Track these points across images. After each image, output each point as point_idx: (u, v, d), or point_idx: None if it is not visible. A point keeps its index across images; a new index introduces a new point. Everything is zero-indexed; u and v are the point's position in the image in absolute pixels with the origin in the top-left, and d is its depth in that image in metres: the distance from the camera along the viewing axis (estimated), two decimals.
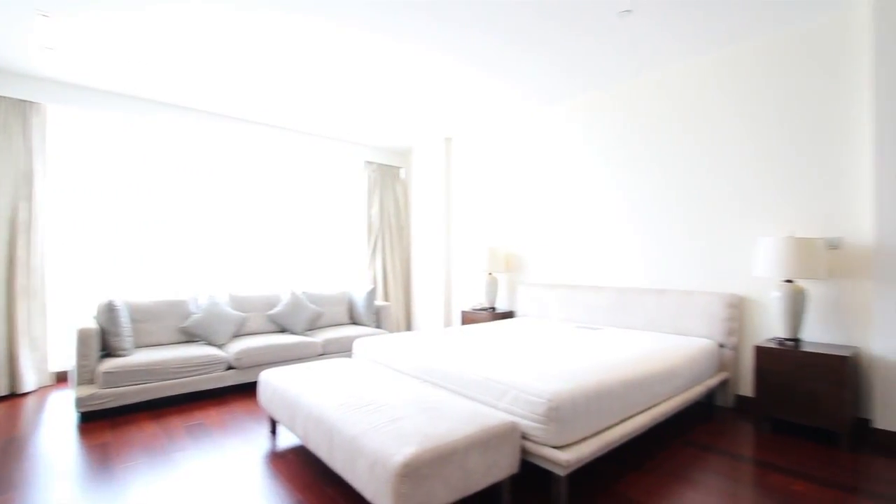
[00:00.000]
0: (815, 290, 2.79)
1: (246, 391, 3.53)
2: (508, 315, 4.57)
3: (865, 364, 2.60)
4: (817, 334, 2.78)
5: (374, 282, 5.66)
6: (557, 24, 2.88)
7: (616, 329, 3.46)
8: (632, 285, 3.70)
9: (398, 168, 6.02)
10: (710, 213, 3.25)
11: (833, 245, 2.72)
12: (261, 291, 4.27)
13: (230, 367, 3.44)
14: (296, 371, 2.54)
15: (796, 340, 2.69)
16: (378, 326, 4.75)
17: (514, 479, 2.02)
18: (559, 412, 1.78)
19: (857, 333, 2.65)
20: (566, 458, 1.74)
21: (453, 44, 3.14)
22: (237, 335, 3.87)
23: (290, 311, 4.13)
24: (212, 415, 2.98)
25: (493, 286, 4.59)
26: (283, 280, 4.99)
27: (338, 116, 4.63)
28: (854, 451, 2.37)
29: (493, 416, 1.79)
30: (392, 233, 5.83)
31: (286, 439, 2.58)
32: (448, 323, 5.44)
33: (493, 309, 4.61)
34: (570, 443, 1.83)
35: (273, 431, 2.66)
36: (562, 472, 1.76)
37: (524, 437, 1.86)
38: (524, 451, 1.85)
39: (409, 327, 6.00)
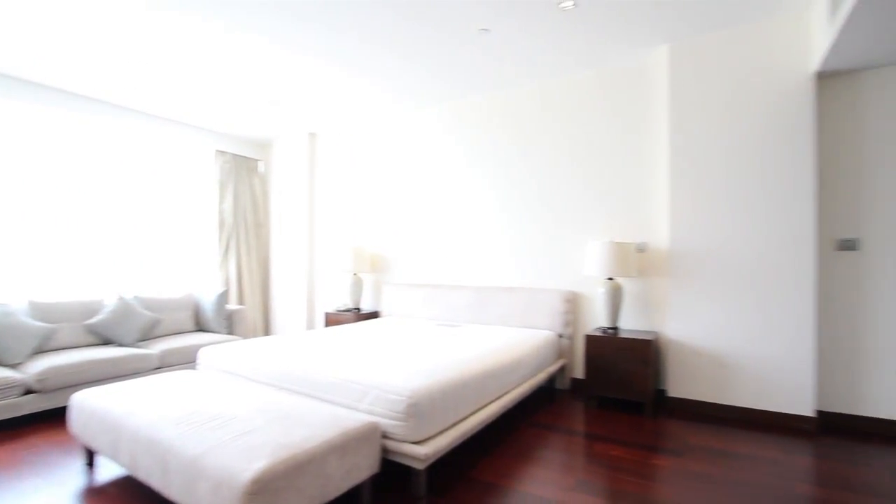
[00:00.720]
0: (629, 286, 3.35)
1: (53, 419, 2.91)
2: (373, 315, 4.56)
3: (664, 345, 3.21)
4: (631, 322, 3.35)
5: (227, 284, 5.15)
6: (426, 33, 2.98)
7: (474, 325, 3.70)
8: (489, 284, 3.99)
9: (256, 161, 5.58)
10: (553, 221, 3.68)
11: (641, 249, 3.30)
12: (77, 297, 3.57)
13: (28, 392, 2.80)
14: (122, 388, 2.18)
15: (615, 329, 3.19)
16: (230, 332, 4.33)
17: (374, 479, 2.03)
18: (418, 408, 1.84)
19: (658, 320, 3.25)
20: (424, 452, 1.81)
21: (313, 41, 3.03)
22: (40, 351, 3.17)
23: (117, 320, 3.52)
24: (1, 453, 2.39)
25: (358, 287, 4.54)
26: (111, 283, 4.23)
27: (184, 97, 4.10)
28: (655, 417, 2.91)
29: (353, 419, 1.77)
30: (248, 230, 5.38)
31: (107, 471, 2.20)
32: (311, 326, 5.21)
33: (358, 310, 4.55)
34: (429, 437, 1.91)
35: (90, 464, 2.24)
36: (420, 466, 1.82)
37: (385, 435, 1.88)
38: (385, 450, 1.87)
39: (267, 332, 5.59)
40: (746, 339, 2.85)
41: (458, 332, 3.35)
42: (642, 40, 3.08)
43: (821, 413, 2.80)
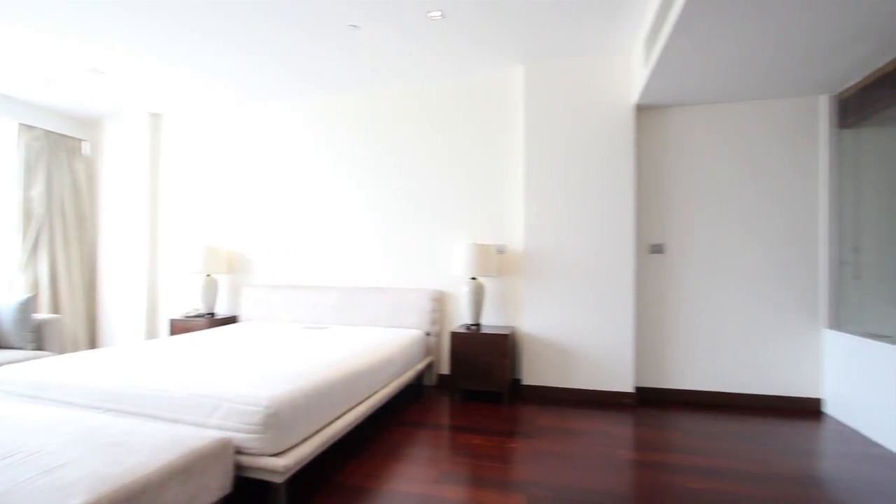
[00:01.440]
0: (490, 285, 3.61)
1: None
2: (231, 320, 4.17)
3: (519, 339, 3.52)
4: (493, 319, 3.61)
5: (36, 288, 4.23)
6: (292, 31, 2.81)
7: (342, 327, 3.62)
8: (358, 285, 3.94)
9: (79, 140, 4.69)
10: (423, 221, 3.79)
11: (500, 250, 3.58)
12: None
13: None
14: None
15: (478, 325, 3.41)
16: (39, 348, 3.56)
17: (228, 500, 1.85)
18: (278, 418, 1.74)
19: (515, 316, 3.56)
20: (284, 464, 1.71)
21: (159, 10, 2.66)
22: None
23: None
24: None
25: (211, 289, 4.10)
26: None
27: None
28: (511, 405, 3.18)
29: (199, 437, 1.59)
30: (67, 224, 4.49)
31: None
32: (153, 335, 4.55)
33: (212, 315, 4.12)
34: (290, 447, 1.81)
35: None
36: (280, 479, 1.72)
37: (239, 451, 1.73)
38: (239, 467, 1.72)
39: (93, 344, 4.74)
40: (584, 329, 3.28)
41: (325, 334, 3.24)
42: (503, 59, 3.34)
43: (639, 389, 3.35)
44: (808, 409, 3.10)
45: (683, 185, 3.33)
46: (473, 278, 3.39)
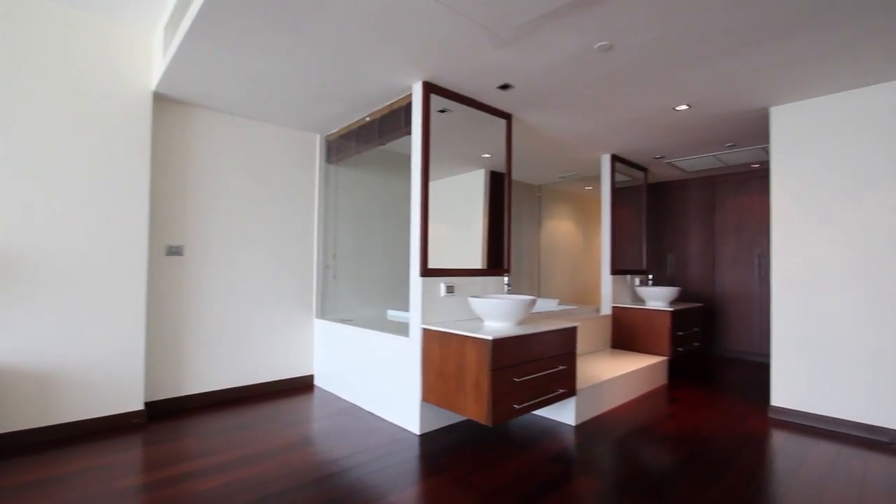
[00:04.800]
0: None
1: None
2: None
3: None
4: None
5: None
6: None
7: None
8: None
9: None
10: None
11: None
12: None
13: None
14: None
15: None
16: None
17: None
18: None
19: None
20: None
21: None
22: None
23: None
24: None
25: None
26: None
27: None
28: None
29: None
30: None
31: None
32: None
33: None
34: None
35: None
36: None
37: None
38: None
39: None
40: (77, 347, 2.66)
41: None
42: None
43: (150, 404, 3.04)
44: (305, 385, 3.80)
45: (205, 187, 3.33)
46: None
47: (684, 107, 3.22)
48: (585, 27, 2.16)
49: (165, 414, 3.07)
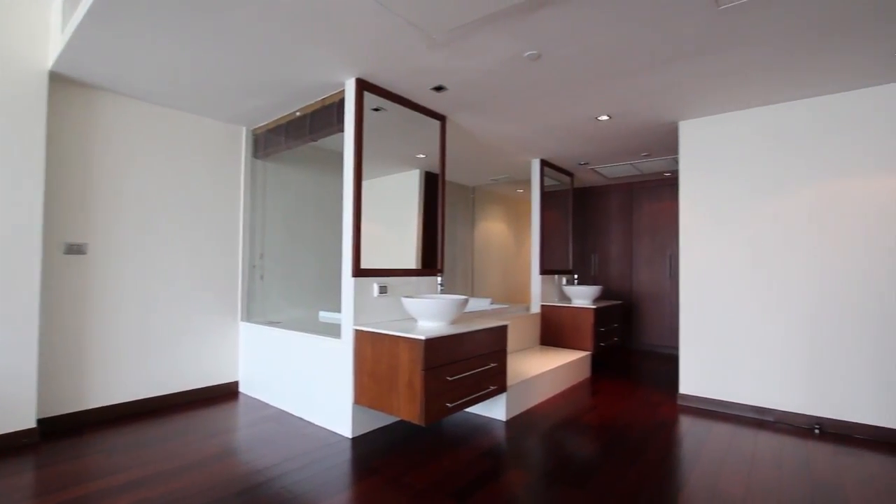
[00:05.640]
0: None
1: None
2: None
3: None
4: None
5: None
6: None
7: None
8: None
9: None
10: None
11: None
12: None
13: None
14: None
15: None
16: None
17: None
18: None
19: None
20: None
21: None
22: None
23: None
24: None
25: None
26: None
27: None
28: None
29: None
30: None
31: None
32: None
33: None
34: None
35: None
36: None
37: None
38: None
39: None
40: None
41: None
42: None
43: (44, 420, 2.71)
44: (229, 393, 3.58)
45: (115, 179, 3.03)
46: None
47: (605, 117, 3.44)
48: (516, 35, 2.24)
49: (65, 431, 2.75)
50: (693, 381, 3.42)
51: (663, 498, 2.02)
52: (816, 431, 2.87)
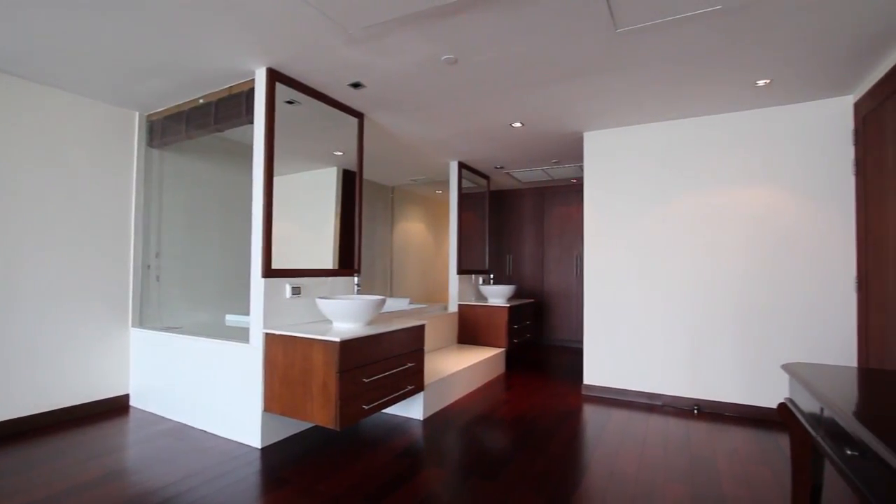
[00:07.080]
0: None
1: None
2: None
3: None
4: None
5: None
6: None
7: None
8: None
9: None
10: None
11: None
12: None
13: None
14: None
15: None
16: None
17: None
18: None
19: None
20: None
21: None
22: None
23: None
24: None
25: None
26: None
27: None
28: None
29: None
30: None
31: None
32: None
33: None
34: None
35: None
36: None
37: None
38: None
39: None
40: None
41: None
42: None
43: None
44: (118, 407, 3.20)
45: None
46: None
47: (519, 124, 3.60)
48: (433, 38, 2.26)
49: None
50: (596, 372, 3.71)
51: (569, 481, 2.17)
52: (695, 412, 3.25)
